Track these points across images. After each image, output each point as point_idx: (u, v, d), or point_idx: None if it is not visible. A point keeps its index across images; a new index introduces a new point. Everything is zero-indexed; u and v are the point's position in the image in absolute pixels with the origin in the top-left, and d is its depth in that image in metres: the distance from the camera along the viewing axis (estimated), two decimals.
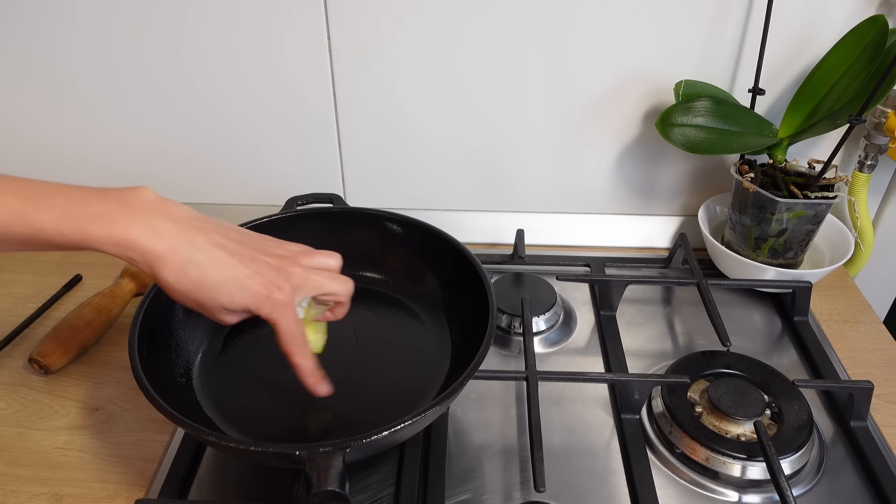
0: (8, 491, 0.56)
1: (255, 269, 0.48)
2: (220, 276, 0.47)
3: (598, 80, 0.75)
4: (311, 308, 0.53)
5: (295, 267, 0.50)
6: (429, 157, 0.81)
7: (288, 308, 0.49)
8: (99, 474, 0.58)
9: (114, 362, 0.69)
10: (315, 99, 0.77)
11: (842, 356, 0.69)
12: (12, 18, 0.74)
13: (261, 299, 0.48)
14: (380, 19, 0.72)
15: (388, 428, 0.46)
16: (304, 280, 0.50)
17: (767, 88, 0.72)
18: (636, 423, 0.61)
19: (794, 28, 0.70)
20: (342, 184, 0.84)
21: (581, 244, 0.86)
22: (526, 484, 0.56)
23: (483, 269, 0.61)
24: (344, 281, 0.53)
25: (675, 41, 0.72)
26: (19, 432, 0.61)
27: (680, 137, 0.69)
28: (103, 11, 0.73)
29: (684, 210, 0.84)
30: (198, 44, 0.74)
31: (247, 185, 0.85)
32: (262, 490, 0.56)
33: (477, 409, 0.63)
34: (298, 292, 0.50)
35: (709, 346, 0.70)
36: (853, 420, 0.61)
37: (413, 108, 0.77)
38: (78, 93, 0.78)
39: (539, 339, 0.71)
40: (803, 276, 0.72)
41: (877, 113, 0.71)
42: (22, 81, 0.78)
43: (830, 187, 0.70)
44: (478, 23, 0.71)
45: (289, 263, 0.50)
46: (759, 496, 0.56)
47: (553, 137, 0.79)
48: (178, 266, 0.45)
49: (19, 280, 0.80)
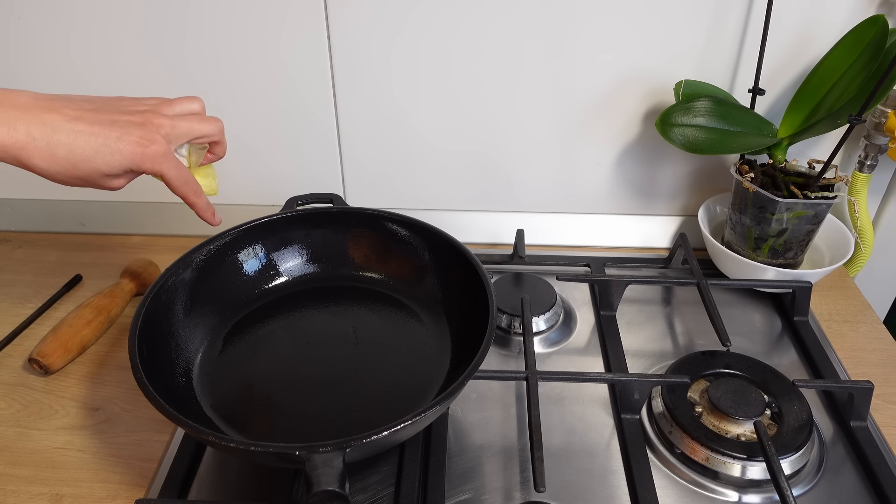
0: (8, 491, 0.56)
1: (121, 130, 0.48)
2: (88, 148, 0.47)
3: (598, 81, 0.75)
4: (192, 154, 0.54)
5: (159, 118, 0.50)
6: (429, 158, 0.81)
7: (168, 157, 0.50)
8: (99, 474, 0.58)
9: (114, 362, 0.69)
10: (315, 99, 0.77)
11: (842, 356, 0.69)
12: (13, 19, 0.74)
13: (138, 157, 0.48)
14: (380, 20, 0.72)
15: (388, 428, 0.46)
16: (172, 128, 0.51)
17: (767, 88, 0.72)
18: (636, 423, 0.61)
19: (793, 28, 0.70)
20: (342, 184, 0.84)
21: (581, 244, 0.86)
22: (526, 484, 0.56)
23: (483, 269, 0.61)
24: (212, 121, 0.54)
25: (676, 41, 0.72)
26: (19, 432, 0.61)
27: (680, 137, 0.69)
28: (104, 12, 0.73)
29: (684, 210, 0.84)
30: (198, 44, 0.74)
31: (247, 185, 0.85)
32: (262, 490, 0.56)
33: (477, 409, 0.63)
34: (171, 141, 0.51)
35: (709, 346, 0.70)
36: (853, 420, 0.61)
37: (413, 108, 0.77)
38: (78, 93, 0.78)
39: (539, 339, 0.71)
40: (803, 276, 0.72)
41: (877, 113, 0.71)
42: (22, 82, 0.78)
43: (830, 187, 0.70)
44: (477, 23, 0.71)
45: (152, 116, 0.50)
46: (759, 496, 0.56)
47: (553, 137, 0.79)
48: (43, 151, 0.45)
49: (19, 280, 0.80)
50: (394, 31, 0.72)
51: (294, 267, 0.71)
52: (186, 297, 0.63)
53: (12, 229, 0.90)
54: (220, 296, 0.66)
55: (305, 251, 0.72)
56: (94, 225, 0.88)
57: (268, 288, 0.70)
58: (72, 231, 0.89)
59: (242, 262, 0.69)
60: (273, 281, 0.70)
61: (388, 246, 0.70)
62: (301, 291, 0.70)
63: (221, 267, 0.67)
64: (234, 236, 0.67)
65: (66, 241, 0.87)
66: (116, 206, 0.87)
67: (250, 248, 0.69)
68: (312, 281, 0.71)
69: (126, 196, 0.86)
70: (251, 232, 0.68)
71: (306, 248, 0.72)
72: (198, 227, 0.83)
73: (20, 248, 0.86)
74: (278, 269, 0.71)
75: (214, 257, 0.66)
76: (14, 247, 0.86)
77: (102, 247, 0.86)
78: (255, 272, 0.69)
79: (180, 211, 0.87)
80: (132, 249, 0.86)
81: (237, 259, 0.68)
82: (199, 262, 0.64)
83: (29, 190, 0.87)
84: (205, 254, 0.65)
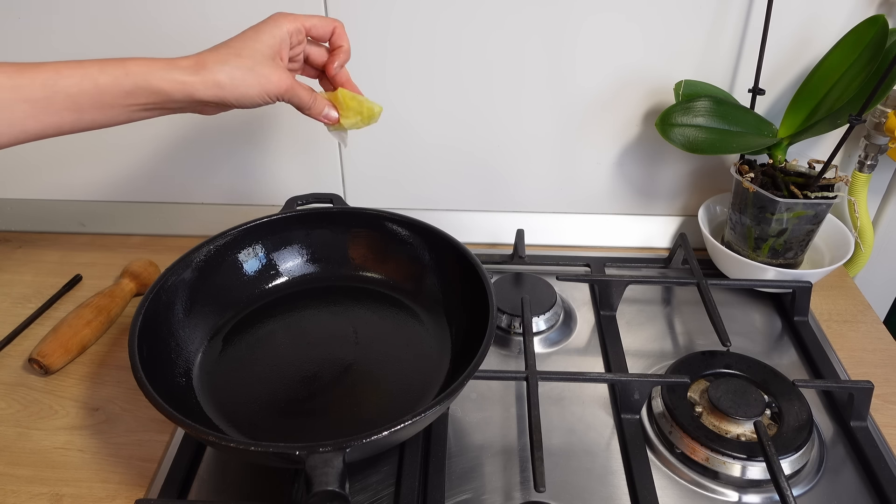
0: (8, 491, 0.56)
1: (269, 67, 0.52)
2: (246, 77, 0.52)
3: (598, 80, 0.75)
4: None
5: None
6: (429, 158, 0.81)
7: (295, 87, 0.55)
8: (99, 474, 0.58)
9: (114, 362, 0.69)
10: None
11: (842, 356, 0.69)
12: (12, 19, 0.74)
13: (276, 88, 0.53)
14: (380, 20, 0.72)
15: (388, 428, 0.46)
16: None
17: (767, 88, 0.72)
18: (636, 423, 0.61)
19: (794, 28, 0.70)
20: (342, 184, 0.84)
21: (581, 244, 0.86)
22: (526, 484, 0.56)
23: (483, 268, 0.61)
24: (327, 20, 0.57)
25: (676, 41, 0.72)
26: (19, 432, 0.61)
27: (680, 137, 0.69)
28: (104, 12, 0.73)
29: (684, 210, 0.84)
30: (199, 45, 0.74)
31: (247, 185, 0.85)
32: (262, 490, 0.56)
33: (477, 409, 0.63)
34: None
35: (709, 346, 0.70)
36: (853, 420, 0.61)
37: (413, 108, 0.77)
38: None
39: (539, 339, 0.71)
40: (803, 276, 0.72)
41: (877, 113, 0.71)
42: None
43: (830, 187, 0.70)
44: (478, 23, 0.71)
45: None
46: (759, 496, 0.56)
47: (553, 137, 0.79)
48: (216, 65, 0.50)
49: (19, 280, 0.80)
50: (394, 31, 0.72)
51: (294, 267, 0.71)
52: (186, 298, 0.63)
53: (12, 229, 0.90)
54: (220, 296, 0.66)
55: (305, 251, 0.72)
56: (94, 225, 0.88)
57: (268, 288, 0.70)
58: (72, 231, 0.89)
59: (242, 262, 0.69)
60: (273, 281, 0.70)
61: (387, 246, 0.70)
62: (301, 291, 0.70)
63: (221, 267, 0.67)
64: (234, 236, 0.67)
65: (66, 241, 0.87)
66: (116, 206, 0.87)
67: (250, 248, 0.69)
68: (312, 281, 0.71)
69: (126, 196, 0.87)
70: (251, 232, 0.68)
71: (306, 248, 0.72)
72: (198, 227, 0.83)
73: (20, 248, 0.86)
74: (278, 269, 0.71)
75: (214, 257, 0.66)
76: (14, 247, 0.86)
77: (102, 247, 0.86)
78: (255, 272, 0.69)
79: (180, 211, 0.87)
80: (132, 249, 0.86)
81: (237, 259, 0.68)
82: (199, 262, 0.64)
83: (29, 190, 0.87)
84: (205, 254, 0.65)
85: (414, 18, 0.71)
